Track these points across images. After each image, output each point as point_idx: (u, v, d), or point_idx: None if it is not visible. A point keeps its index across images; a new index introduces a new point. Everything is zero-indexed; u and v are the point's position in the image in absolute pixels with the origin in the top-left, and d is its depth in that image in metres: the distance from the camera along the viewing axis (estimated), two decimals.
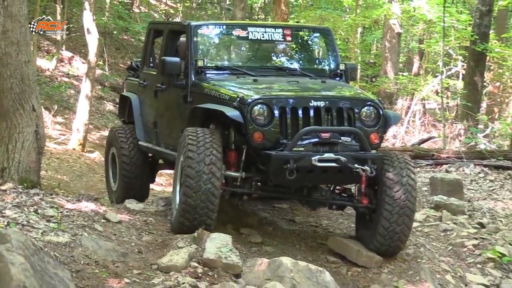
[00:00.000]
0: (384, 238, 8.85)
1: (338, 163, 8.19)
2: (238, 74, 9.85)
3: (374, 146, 8.82)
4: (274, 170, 8.29)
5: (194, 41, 9.91)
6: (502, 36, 24.60)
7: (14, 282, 6.14)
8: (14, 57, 9.75)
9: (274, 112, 8.46)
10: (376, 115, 8.81)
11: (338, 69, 10.35)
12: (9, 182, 9.47)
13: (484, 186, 14.57)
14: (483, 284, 9.52)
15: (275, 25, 11.35)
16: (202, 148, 8.25)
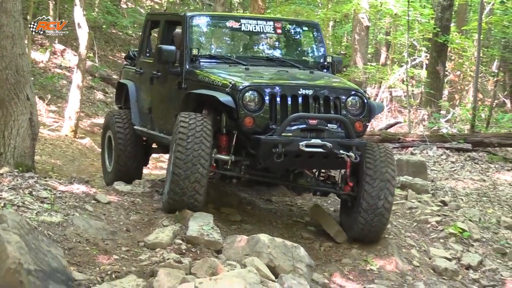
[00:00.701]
0: (363, 226, 8.83)
1: (325, 149, 8.13)
2: (230, 63, 9.77)
3: (359, 134, 8.76)
4: (263, 153, 8.24)
5: (189, 31, 9.84)
6: (462, 28, 24.65)
7: (10, 259, 6.12)
8: (9, 49, 9.73)
9: (265, 98, 8.42)
10: (361, 104, 8.75)
11: (325, 61, 10.29)
12: (5, 166, 9.45)
13: (446, 167, 14.62)
14: (445, 258, 9.56)
15: (267, 18, 11.34)
16: (193, 131, 8.18)
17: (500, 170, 14.69)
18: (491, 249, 10.33)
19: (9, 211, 7.00)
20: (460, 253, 9.86)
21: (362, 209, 8.70)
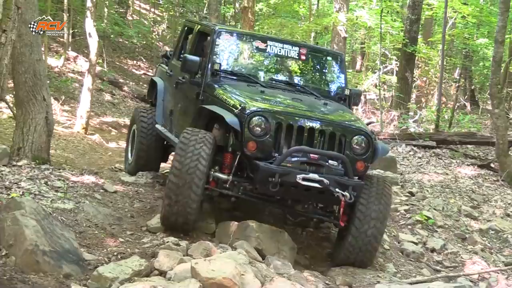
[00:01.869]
0: (347, 258, 8.04)
1: (321, 184, 7.37)
2: (249, 82, 8.90)
3: (359, 174, 7.89)
4: (260, 180, 7.50)
5: (215, 45, 9.07)
6: (428, 40, 24.68)
7: (27, 241, 6.11)
8: (28, 56, 9.71)
9: (271, 125, 7.59)
10: (366, 145, 7.86)
11: (343, 93, 9.48)
12: (24, 159, 9.45)
13: (414, 162, 14.64)
14: (412, 242, 9.59)
15: (294, 42, 10.10)
16: (192, 148, 7.48)
17: (461, 165, 14.73)
18: (453, 235, 10.36)
19: (27, 199, 6.98)
20: (426, 238, 9.90)
21: (349, 242, 7.93)
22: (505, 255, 10.23)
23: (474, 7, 24.07)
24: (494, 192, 13.12)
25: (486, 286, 8.14)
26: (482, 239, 10.55)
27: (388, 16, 22.29)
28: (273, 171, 7.34)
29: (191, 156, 7.43)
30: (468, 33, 24.76)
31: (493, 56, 14.55)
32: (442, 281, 8.17)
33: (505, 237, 10.89)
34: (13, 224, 6.23)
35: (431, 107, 22.48)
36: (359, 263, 8.05)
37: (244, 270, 6.50)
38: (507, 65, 17.63)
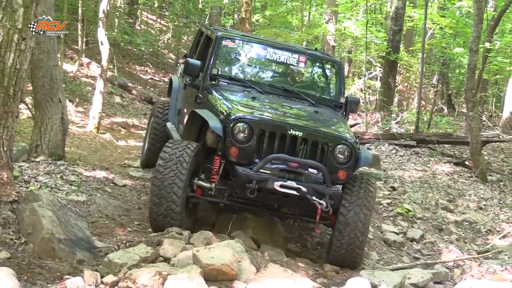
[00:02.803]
0: (335, 258, 7.57)
1: (299, 192, 6.90)
2: (246, 87, 8.43)
3: (340, 182, 7.45)
4: (238, 185, 7.04)
5: (216, 51, 8.62)
6: (409, 48, 24.69)
7: (44, 230, 6.12)
8: (45, 62, 9.72)
9: (254, 132, 7.12)
10: (348, 154, 7.32)
11: (339, 101, 8.89)
12: (41, 156, 9.45)
13: (396, 159, 14.64)
14: (394, 232, 9.62)
15: (293, 49, 9.22)
16: (172, 156, 7.08)
17: (438, 163, 14.73)
18: (431, 226, 10.39)
19: (44, 192, 6.98)
20: (406, 228, 9.93)
21: (335, 242, 7.44)
22: (477, 244, 10.26)
23: (451, 19, 24.13)
24: (468, 187, 13.14)
25: (460, 272, 8.13)
26: (457, 230, 10.59)
27: (373, 27, 22.30)
28: (251, 178, 6.90)
29: (171, 166, 7.04)
30: (445, 42, 24.79)
31: (468, 64, 14.57)
32: (421, 268, 8.17)
33: (477, 228, 10.93)
34: (31, 215, 6.24)
35: (412, 109, 22.49)
36: (346, 265, 7.60)
37: (241, 257, 6.51)
38: (480, 72, 17.62)
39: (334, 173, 7.27)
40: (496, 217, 11.73)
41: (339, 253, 7.46)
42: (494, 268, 8.02)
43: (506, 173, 14.90)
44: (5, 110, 6.30)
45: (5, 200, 6.29)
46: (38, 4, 6.63)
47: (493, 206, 12.30)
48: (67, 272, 5.85)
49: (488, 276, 7.62)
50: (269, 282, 6.13)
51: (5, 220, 6.16)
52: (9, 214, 6.24)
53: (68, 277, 5.55)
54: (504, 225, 11.26)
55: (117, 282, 5.79)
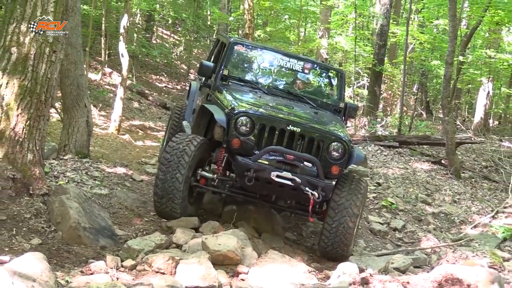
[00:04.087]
0: (324, 249, 7.24)
1: (293, 183, 6.67)
2: (254, 88, 8.24)
3: (333, 177, 7.19)
4: (237, 173, 6.86)
5: (229, 54, 8.43)
6: (392, 61, 24.68)
7: (71, 220, 6.12)
8: (73, 71, 9.72)
9: (255, 126, 6.93)
10: (342, 151, 7.10)
11: (339, 106, 8.66)
12: (69, 154, 9.45)
13: (380, 158, 14.64)
14: (379, 222, 9.63)
15: (299, 57, 9.08)
16: (176, 150, 6.91)
17: (418, 161, 14.73)
18: (411, 217, 10.39)
19: (71, 186, 6.99)
20: (390, 219, 9.92)
21: (325, 231, 7.12)
22: (452, 233, 10.26)
23: (429, 36, 24.10)
24: (444, 183, 13.14)
25: (437, 258, 8.13)
26: (434, 221, 10.58)
27: (360, 42, 22.29)
28: (249, 166, 6.70)
29: (174, 157, 6.86)
30: (424, 56, 24.80)
31: (444, 74, 14.58)
32: (403, 254, 8.17)
33: (452, 219, 10.94)
34: (60, 206, 6.24)
35: (395, 114, 22.52)
36: (334, 258, 7.21)
37: (244, 244, 6.51)
38: (455, 82, 17.60)
39: (328, 168, 7.05)
40: (468, 209, 11.73)
41: (328, 246, 7.14)
42: (467, 254, 8.01)
43: (477, 171, 14.89)
44: (37, 114, 6.30)
45: (37, 193, 6.29)
46: (67, 21, 6.62)
47: (465, 200, 12.30)
48: (91, 257, 5.86)
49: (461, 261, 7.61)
50: (269, 266, 6.13)
51: (37, 211, 6.16)
52: (41, 205, 6.25)
53: (92, 261, 5.55)
54: (475, 217, 11.26)
55: (135, 265, 5.79)
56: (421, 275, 4.44)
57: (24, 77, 6.19)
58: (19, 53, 6.18)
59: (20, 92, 6.17)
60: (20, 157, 6.23)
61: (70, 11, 7.68)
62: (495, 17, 19.25)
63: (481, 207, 11.95)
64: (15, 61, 6.17)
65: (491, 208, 11.83)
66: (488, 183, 13.85)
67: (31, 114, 6.25)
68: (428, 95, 30.29)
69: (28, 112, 6.22)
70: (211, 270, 5.63)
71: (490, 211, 11.65)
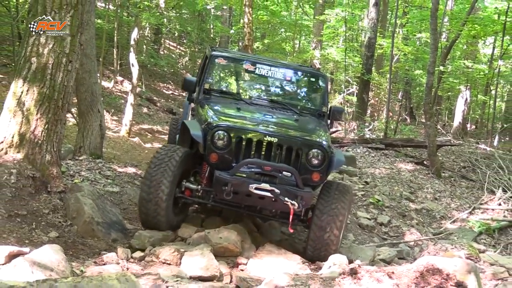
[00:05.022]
0: (311, 253, 6.50)
1: (272, 194, 6.05)
2: (235, 100, 7.50)
3: (315, 184, 6.51)
4: (215, 188, 6.20)
5: (209, 67, 7.74)
6: (379, 70, 24.72)
7: (86, 215, 6.13)
8: (88, 80, 9.74)
9: (232, 139, 6.29)
10: (322, 157, 6.40)
11: (322, 110, 7.81)
12: (83, 155, 9.46)
13: (368, 159, 14.64)
14: (367, 218, 9.61)
15: (280, 65, 8.20)
16: (161, 161, 6.34)
17: (402, 162, 14.73)
18: (396, 213, 10.38)
19: (85, 184, 6.99)
20: (376, 215, 9.91)
21: (311, 239, 6.49)
22: (433, 227, 10.27)
23: (413, 47, 24.12)
24: (426, 182, 13.14)
25: (419, 250, 8.14)
26: (417, 216, 10.58)
27: (350, 53, 22.30)
28: (226, 180, 6.06)
29: (159, 168, 6.29)
30: (408, 66, 24.81)
31: (426, 83, 14.59)
32: (388, 247, 8.18)
33: (433, 214, 10.95)
34: (75, 202, 6.24)
35: (381, 119, 22.52)
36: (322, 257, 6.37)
37: (243, 238, 6.52)
38: (436, 90, 17.62)
39: (308, 176, 6.40)
40: (448, 206, 11.75)
41: (314, 253, 6.48)
42: (446, 246, 8.03)
43: (456, 170, 14.90)
44: (55, 119, 6.31)
45: (55, 190, 6.30)
46: (82, 33, 6.63)
47: (445, 197, 12.31)
48: (104, 249, 5.86)
49: (441, 253, 7.62)
50: (266, 258, 6.13)
51: (55, 207, 6.16)
52: (58, 201, 6.25)
53: (104, 253, 5.55)
54: (454, 212, 11.28)
55: (144, 257, 5.79)
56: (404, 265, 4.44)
57: (43, 84, 6.20)
58: (38, 63, 6.18)
59: (39, 99, 6.18)
60: (39, 157, 6.23)
61: (85, 24, 7.67)
62: (472, 31, 19.34)
63: (459, 203, 11.97)
64: (34, 70, 6.18)
65: (469, 205, 11.86)
66: (466, 182, 13.86)
67: (49, 118, 6.25)
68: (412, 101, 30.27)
69: (46, 116, 6.23)
70: (213, 261, 5.63)
71: (467, 207, 11.68)
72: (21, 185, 5.98)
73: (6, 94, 6.41)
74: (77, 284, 3.32)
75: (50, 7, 6.20)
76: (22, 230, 5.60)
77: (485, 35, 21.55)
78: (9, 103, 6.22)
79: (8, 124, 6.15)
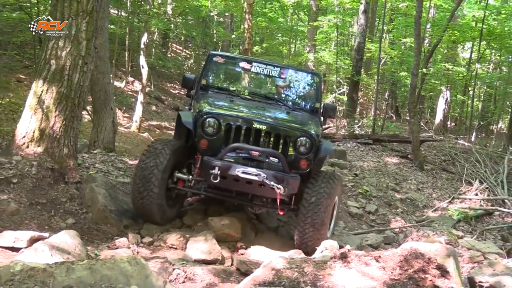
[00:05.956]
0: (299, 242, 6.10)
1: (259, 178, 5.70)
2: (232, 95, 7.13)
3: (302, 170, 6.13)
4: (204, 172, 5.90)
5: (207, 65, 7.42)
6: (368, 72, 24.69)
7: (100, 203, 6.13)
8: (101, 80, 9.71)
9: (221, 126, 6.00)
10: (309, 145, 6.09)
11: (315, 106, 7.42)
12: (98, 149, 9.45)
13: (357, 153, 14.65)
14: (356, 207, 9.62)
15: (275, 64, 7.81)
16: (152, 154, 6.05)
17: (388, 156, 14.75)
18: (383, 202, 10.39)
19: (99, 175, 6.99)
20: (365, 204, 9.92)
21: (298, 231, 6.10)
22: (416, 216, 10.29)
23: (398, 51, 24.14)
24: (410, 174, 13.16)
25: (403, 236, 8.15)
26: (401, 205, 10.60)
27: (341, 56, 22.26)
28: (214, 164, 5.74)
29: (150, 161, 6.00)
30: (394, 68, 24.79)
31: (410, 84, 14.59)
32: (375, 233, 8.19)
33: (416, 204, 10.96)
34: (90, 192, 6.25)
35: (369, 117, 22.51)
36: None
37: (244, 225, 6.53)
38: (419, 90, 17.59)
39: (296, 163, 6.08)
40: (430, 196, 11.77)
41: (302, 242, 6.07)
42: (428, 233, 8.04)
43: (437, 164, 14.92)
44: (72, 115, 6.31)
45: (72, 181, 6.30)
46: (96, 38, 6.63)
47: (427, 188, 12.33)
48: (116, 234, 5.87)
49: (423, 238, 7.63)
50: (264, 243, 6.15)
51: (72, 196, 6.17)
52: (75, 191, 6.25)
53: (117, 238, 5.57)
54: (435, 202, 11.30)
55: (152, 242, 5.81)
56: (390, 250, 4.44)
57: (61, 84, 6.19)
58: (57, 65, 6.18)
59: (58, 97, 6.18)
60: (58, 151, 6.23)
61: (100, 29, 7.67)
62: (452, 36, 19.40)
63: (440, 194, 11.99)
64: (53, 72, 6.18)
65: (448, 195, 11.88)
66: (446, 174, 13.88)
67: (67, 115, 6.25)
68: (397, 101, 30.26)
69: (64, 113, 6.23)
70: (216, 246, 5.65)
71: (447, 197, 11.71)
72: (41, 176, 5.98)
73: (28, 93, 6.40)
74: (92, 266, 3.33)
75: (68, 13, 6.19)
76: (42, 217, 5.61)
77: (464, 40, 21.62)
78: (30, 101, 6.23)
79: (30, 120, 6.16)
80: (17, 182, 5.75)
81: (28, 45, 15.57)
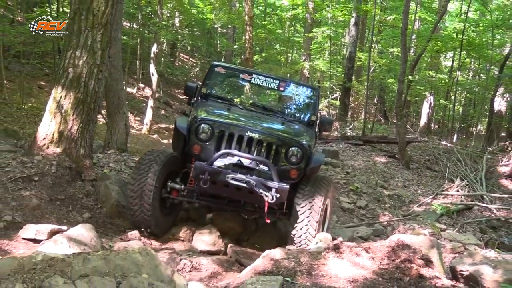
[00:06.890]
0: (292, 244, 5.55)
1: (248, 185, 5.26)
2: (230, 104, 6.65)
3: (292, 180, 5.74)
4: (195, 177, 5.36)
5: (209, 75, 6.94)
6: (358, 79, 24.67)
7: (113, 199, 6.13)
8: (115, 86, 9.70)
9: (214, 132, 5.67)
10: (300, 155, 5.73)
11: (311, 119, 6.85)
12: (111, 149, 9.44)
13: (349, 153, 14.64)
14: (348, 202, 9.62)
15: (275, 77, 7.20)
16: (144, 165, 5.61)
17: (377, 155, 14.74)
18: (372, 198, 10.39)
19: (113, 173, 6.98)
20: (356, 200, 9.91)
21: (290, 235, 5.64)
22: (403, 210, 10.28)
23: (386, 60, 24.14)
24: (397, 172, 13.15)
25: (391, 229, 8.15)
26: (389, 201, 10.59)
27: (334, 64, 22.26)
28: (204, 169, 5.29)
29: (142, 172, 5.60)
30: (382, 75, 24.76)
31: (397, 89, 14.59)
32: (365, 226, 8.19)
33: (403, 199, 10.95)
34: (105, 189, 6.25)
35: (360, 120, 22.49)
36: None
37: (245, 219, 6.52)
38: (405, 95, 17.59)
39: (287, 172, 5.74)
40: (415, 192, 11.76)
41: (294, 241, 5.61)
42: (414, 226, 8.04)
43: (422, 163, 14.91)
44: (88, 119, 6.31)
45: (88, 179, 6.31)
46: (110, 47, 6.63)
47: (413, 185, 12.32)
48: (128, 228, 5.86)
49: (409, 231, 7.63)
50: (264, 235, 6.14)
51: (88, 192, 6.17)
52: (90, 188, 6.26)
53: (129, 231, 5.56)
54: (420, 197, 11.29)
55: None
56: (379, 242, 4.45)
57: (78, 90, 6.20)
58: (74, 73, 6.19)
59: (75, 102, 6.19)
60: (75, 151, 6.24)
61: (113, 40, 7.67)
62: (435, 46, 19.43)
63: (424, 190, 11.98)
64: (71, 79, 6.19)
65: (432, 191, 11.88)
66: (430, 172, 13.87)
67: (83, 118, 6.26)
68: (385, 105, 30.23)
69: (80, 117, 6.23)
70: (219, 238, 5.65)
71: (431, 193, 11.70)
72: (60, 174, 5.99)
73: (48, 99, 6.41)
74: (106, 257, 3.33)
75: (84, 26, 6.20)
76: (61, 212, 5.61)
77: (446, 50, 21.64)
78: (50, 106, 6.24)
79: (50, 123, 6.17)
80: (38, 180, 5.76)
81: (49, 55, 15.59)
